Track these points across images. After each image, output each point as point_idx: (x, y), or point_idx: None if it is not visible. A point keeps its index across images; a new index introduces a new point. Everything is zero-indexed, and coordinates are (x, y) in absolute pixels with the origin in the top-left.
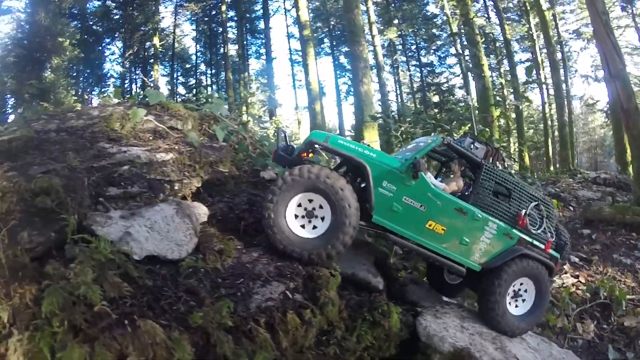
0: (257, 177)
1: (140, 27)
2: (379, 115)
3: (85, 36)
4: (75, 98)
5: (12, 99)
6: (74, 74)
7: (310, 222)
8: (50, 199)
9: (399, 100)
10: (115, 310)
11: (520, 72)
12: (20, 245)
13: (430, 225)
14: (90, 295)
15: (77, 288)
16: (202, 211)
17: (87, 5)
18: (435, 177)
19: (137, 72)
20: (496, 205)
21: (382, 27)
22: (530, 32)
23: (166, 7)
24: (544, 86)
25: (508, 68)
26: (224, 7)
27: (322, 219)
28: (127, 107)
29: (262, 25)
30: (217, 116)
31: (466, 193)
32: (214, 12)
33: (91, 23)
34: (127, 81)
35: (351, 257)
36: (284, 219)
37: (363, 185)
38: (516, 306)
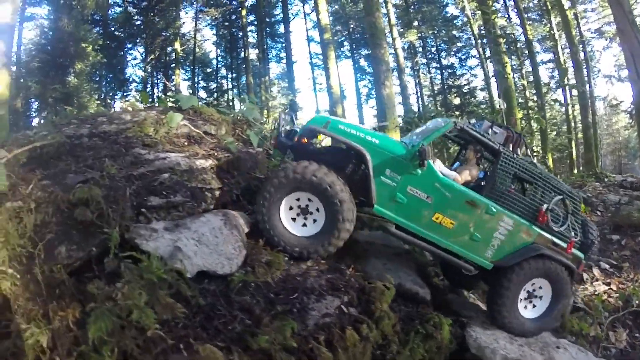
0: None
1: (162, 32)
2: (402, 119)
3: (108, 42)
4: (99, 102)
5: (37, 103)
6: (97, 79)
7: (306, 219)
8: (90, 211)
9: (420, 103)
10: (169, 333)
11: (543, 73)
12: (57, 260)
13: (437, 219)
14: (144, 320)
15: (127, 311)
16: (245, 220)
17: (109, 11)
18: (454, 163)
19: (159, 76)
20: (514, 198)
21: (402, 30)
22: (552, 32)
23: (187, 13)
24: (566, 87)
25: (530, 69)
26: (244, 12)
27: (317, 216)
28: (159, 111)
29: (282, 29)
30: (250, 120)
31: (482, 183)
32: (234, 17)
33: (113, 29)
34: (148, 85)
35: (395, 267)
36: (279, 220)
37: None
38: (533, 306)
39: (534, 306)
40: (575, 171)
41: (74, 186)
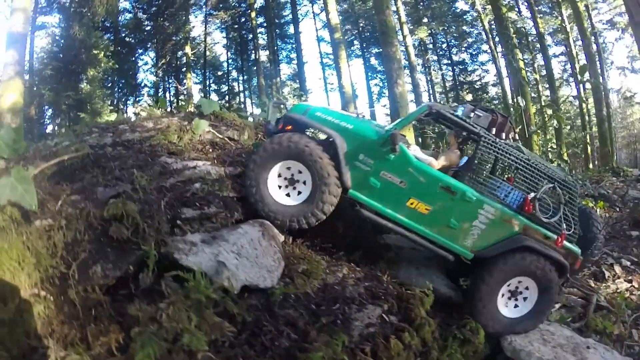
0: None
1: (172, 37)
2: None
3: (119, 48)
4: (111, 108)
5: (50, 110)
6: (109, 85)
7: (294, 189)
8: (125, 227)
9: (432, 100)
10: (218, 354)
11: (555, 66)
12: (93, 281)
13: (412, 204)
14: (194, 343)
15: (173, 334)
16: (279, 230)
17: (119, 17)
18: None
19: (170, 80)
20: (497, 185)
21: (412, 27)
22: (564, 25)
23: (196, 17)
24: (579, 81)
25: (543, 63)
26: (253, 14)
27: (303, 186)
28: (181, 117)
29: (291, 30)
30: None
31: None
32: (243, 19)
33: (124, 35)
34: (160, 90)
35: (427, 271)
36: (267, 188)
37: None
38: (515, 306)
39: (516, 306)
40: (591, 166)
41: (106, 201)
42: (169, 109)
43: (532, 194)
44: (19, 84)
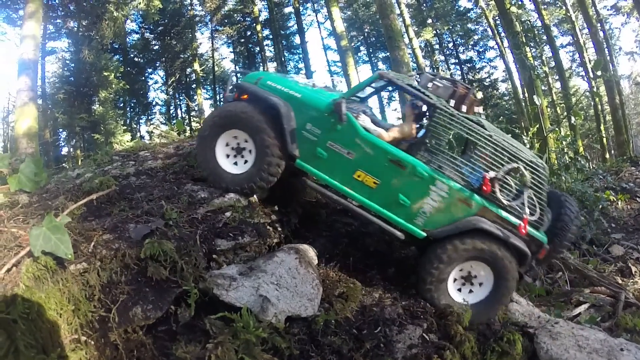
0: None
1: (180, 54)
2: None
3: (129, 68)
4: (125, 128)
5: (64, 133)
6: (121, 105)
7: (242, 157)
8: (162, 267)
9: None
10: None
11: (563, 57)
12: (134, 322)
13: (358, 176)
14: None
15: None
16: (313, 253)
17: (127, 39)
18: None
19: (181, 97)
20: (452, 161)
21: (417, 29)
22: (568, 14)
23: (202, 34)
24: (589, 70)
25: (551, 54)
26: (258, 27)
27: (249, 154)
28: None
29: (297, 40)
30: None
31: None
32: (249, 33)
33: (133, 55)
34: (172, 107)
35: None
36: (215, 159)
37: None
38: (469, 292)
39: (471, 291)
40: (607, 156)
41: (140, 240)
42: (186, 130)
43: (492, 173)
44: (33, 109)
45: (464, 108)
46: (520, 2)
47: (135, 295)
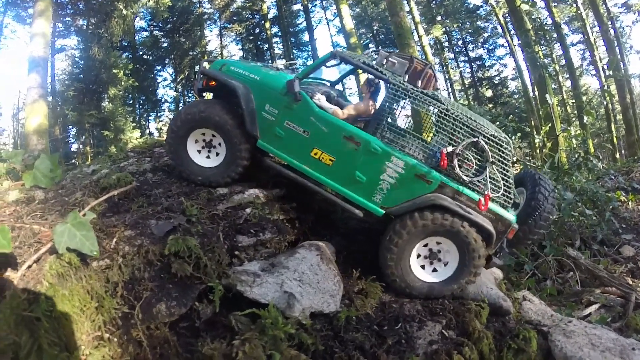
0: None
1: (189, 52)
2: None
3: (138, 65)
4: (134, 124)
5: (74, 129)
6: (131, 102)
7: (210, 151)
8: (186, 263)
9: (452, 98)
10: None
11: (573, 55)
12: (157, 319)
13: (315, 154)
14: None
15: None
16: (331, 250)
17: (136, 36)
18: None
19: (190, 94)
20: (406, 136)
21: (426, 26)
22: (579, 12)
23: (211, 31)
24: (600, 68)
25: (561, 52)
26: (267, 24)
27: (220, 147)
28: None
29: (306, 37)
30: None
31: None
32: (258, 30)
33: (142, 53)
34: (181, 104)
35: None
36: (188, 155)
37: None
38: (433, 270)
39: (435, 270)
40: (617, 156)
41: (163, 237)
42: None
43: (449, 148)
44: (43, 107)
45: (419, 83)
46: (530, 0)
47: (159, 292)
